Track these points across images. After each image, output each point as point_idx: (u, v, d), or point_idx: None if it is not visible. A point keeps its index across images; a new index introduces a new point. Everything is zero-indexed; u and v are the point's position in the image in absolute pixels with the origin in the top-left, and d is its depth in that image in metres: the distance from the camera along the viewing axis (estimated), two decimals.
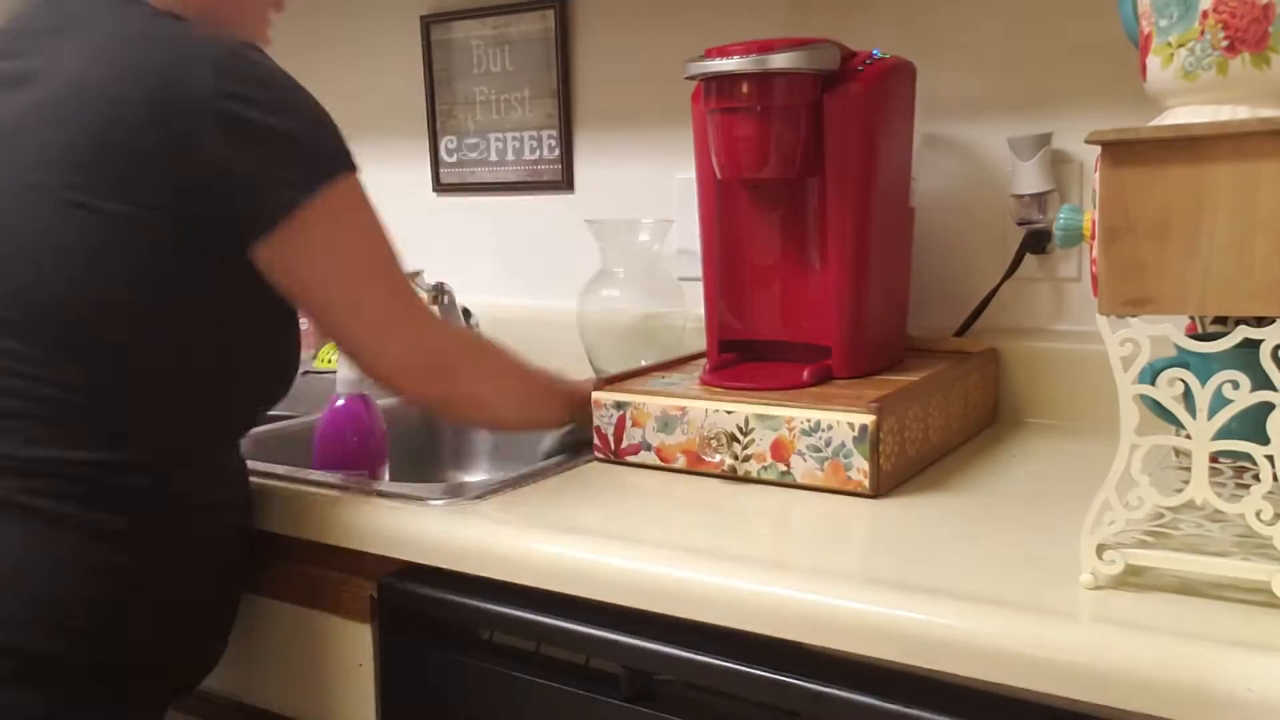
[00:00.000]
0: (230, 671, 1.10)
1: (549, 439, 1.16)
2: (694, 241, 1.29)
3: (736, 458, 1.02)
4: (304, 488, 1.04)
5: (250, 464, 1.12)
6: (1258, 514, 0.68)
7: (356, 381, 1.17)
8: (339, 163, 0.92)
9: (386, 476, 1.20)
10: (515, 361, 1.09)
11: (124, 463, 0.88)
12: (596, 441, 1.09)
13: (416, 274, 1.50)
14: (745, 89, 1.06)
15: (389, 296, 0.98)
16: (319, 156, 0.91)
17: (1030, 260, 1.27)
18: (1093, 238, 0.71)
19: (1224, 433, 0.69)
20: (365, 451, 1.18)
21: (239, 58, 0.89)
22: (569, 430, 1.13)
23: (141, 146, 0.85)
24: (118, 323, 0.87)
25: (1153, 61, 0.73)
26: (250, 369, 0.97)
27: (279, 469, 1.10)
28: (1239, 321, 0.68)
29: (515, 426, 1.19)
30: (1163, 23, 0.72)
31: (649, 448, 1.06)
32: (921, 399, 1.05)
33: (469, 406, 1.07)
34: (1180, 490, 0.71)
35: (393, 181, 1.78)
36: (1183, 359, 0.77)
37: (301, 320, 0.99)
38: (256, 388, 0.99)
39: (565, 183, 1.60)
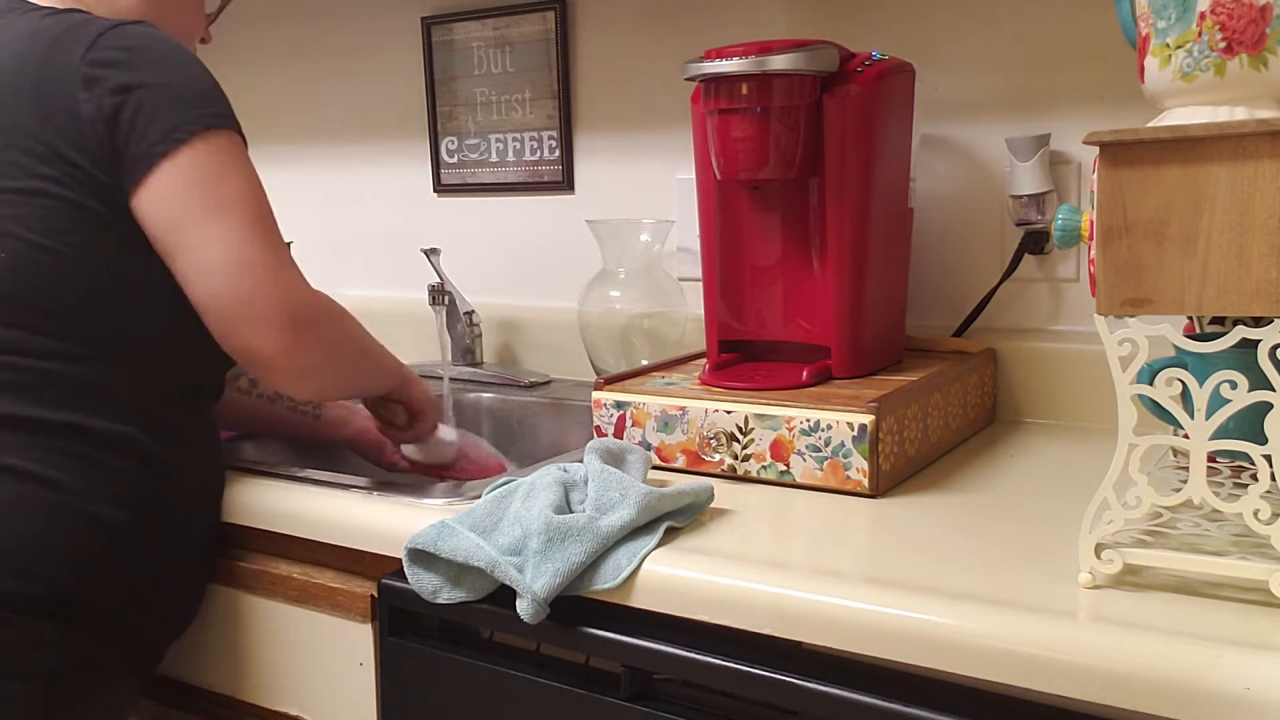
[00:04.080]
0: (230, 671, 1.10)
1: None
2: (694, 241, 1.29)
3: (736, 457, 1.02)
4: (304, 487, 1.04)
5: (251, 464, 1.12)
6: (1255, 513, 0.68)
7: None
8: (206, 120, 0.96)
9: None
10: (363, 334, 1.10)
11: (94, 421, 0.95)
12: None
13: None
14: (745, 90, 1.06)
15: (242, 235, 0.96)
16: (183, 113, 0.95)
17: (1029, 260, 1.27)
18: (1091, 238, 0.71)
19: (1222, 432, 0.69)
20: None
21: (121, 32, 0.96)
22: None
23: (32, 125, 0.94)
24: (63, 290, 0.95)
25: (1151, 63, 0.73)
26: (195, 323, 0.99)
27: (279, 468, 1.11)
28: (1237, 321, 0.69)
29: (344, 396, 1.17)
30: (1160, 24, 0.72)
31: (649, 447, 1.07)
32: (920, 399, 1.05)
33: (310, 370, 1.01)
34: (1178, 490, 0.71)
35: (393, 182, 1.78)
36: (1181, 359, 0.77)
37: None
38: (210, 340, 1.01)
39: (565, 183, 1.60)
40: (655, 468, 1.05)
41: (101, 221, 0.95)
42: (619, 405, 1.09)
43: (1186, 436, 0.71)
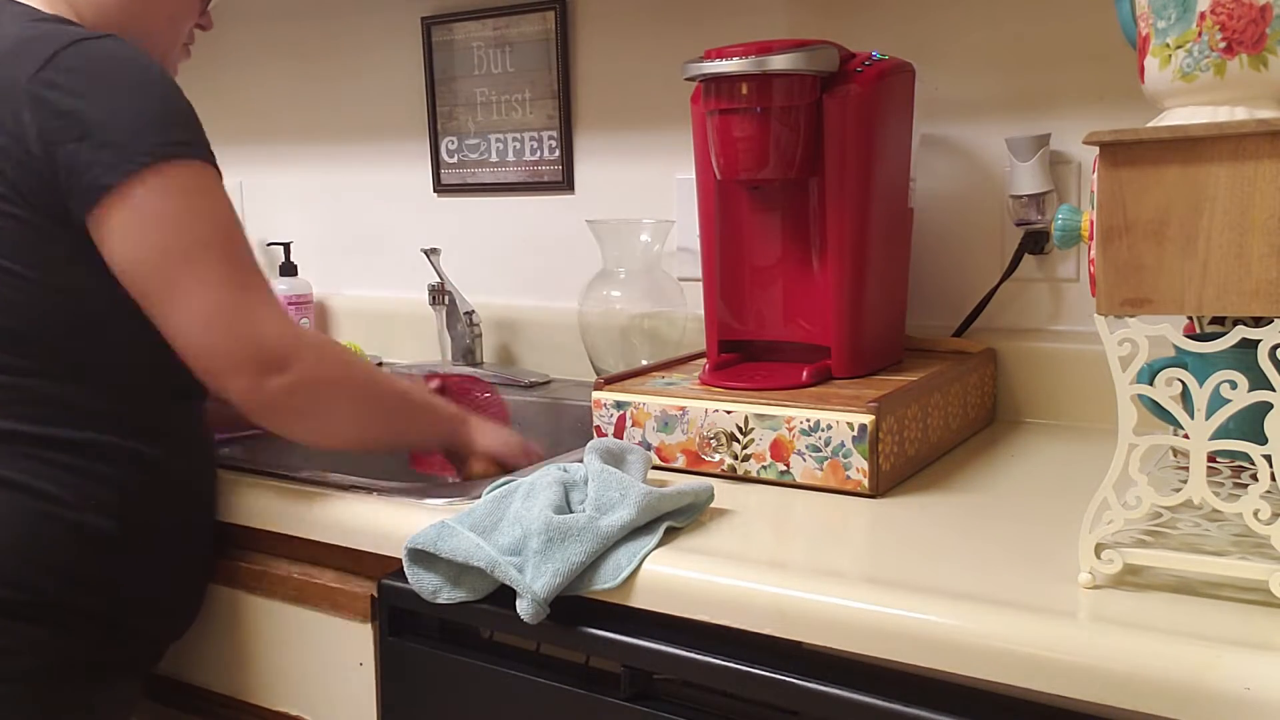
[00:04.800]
0: (230, 671, 1.10)
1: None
2: (694, 241, 1.29)
3: (736, 457, 1.02)
4: (304, 487, 1.04)
5: (250, 464, 1.12)
6: (1255, 513, 0.68)
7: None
8: (161, 150, 0.91)
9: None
10: (373, 372, 1.03)
11: (76, 433, 0.94)
12: None
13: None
14: (745, 90, 1.06)
15: (211, 283, 0.91)
16: (134, 143, 0.90)
17: (1028, 260, 1.27)
18: (1091, 238, 0.71)
19: (1222, 432, 0.69)
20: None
21: (79, 50, 0.91)
22: None
23: None
24: (26, 311, 0.92)
25: (1151, 63, 0.73)
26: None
27: (279, 468, 1.10)
28: (1237, 321, 0.69)
29: (362, 443, 1.06)
30: (1161, 24, 0.72)
31: (649, 447, 1.07)
32: (920, 399, 1.05)
33: (302, 412, 0.96)
34: (1178, 490, 0.71)
35: (393, 182, 1.78)
36: (1181, 359, 0.77)
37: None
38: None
39: (565, 183, 1.60)
40: (655, 468, 1.05)
41: (56, 240, 0.92)
42: (619, 405, 1.09)
43: (1186, 436, 0.71)
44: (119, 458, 0.95)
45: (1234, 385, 0.68)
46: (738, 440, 1.02)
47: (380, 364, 1.70)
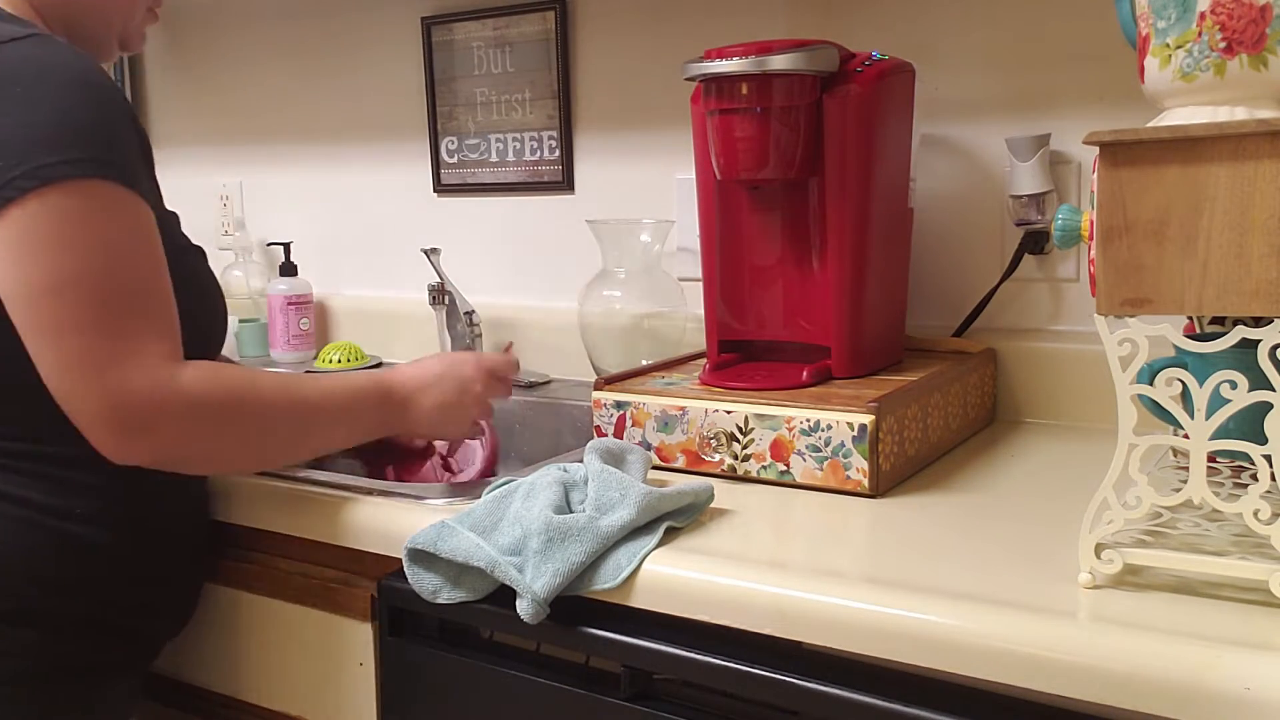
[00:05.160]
0: (230, 671, 1.10)
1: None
2: (694, 241, 1.29)
3: (736, 457, 1.02)
4: (304, 487, 1.04)
5: None
6: (1255, 513, 0.68)
7: None
8: (47, 172, 0.82)
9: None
10: (265, 396, 0.92)
11: (53, 448, 0.91)
12: None
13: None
14: (745, 90, 1.06)
15: (73, 327, 0.82)
16: (23, 162, 0.82)
17: (1028, 260, 1.27)
18: (1091, 238, 0.71)
19: (1222, 432, 0.69)
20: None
21: None
22: None
23: None
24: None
25: (1151, 63, 0.73)
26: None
27: (280, 469, 1.10)
28: (1237, 321, 0.69)
29: (271, 464, 1.00)
30: (1161, 24, 0.72)
31: (649, 447, 1.07)
32: (920, 399, 1.05)
33: (178, 463, 0.89)
34: (1178, 490, 0.71)
35: (393, 182, 1.78)
36: (1181, 359, 0.77)
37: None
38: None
39: (565, 183, 1.60)
40: (655, 468, 1.05)
41: None
42: (619, 405, 1.09)
43: (1186, 436, 0.71)
44: (100, 467, 0.91)
45: (1234, 385, 0.68)
46: (738, 440, 1.02)
47: (379, 364, 1.70)
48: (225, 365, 0.93)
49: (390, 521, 0.95)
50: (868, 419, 0.96)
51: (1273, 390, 0.67)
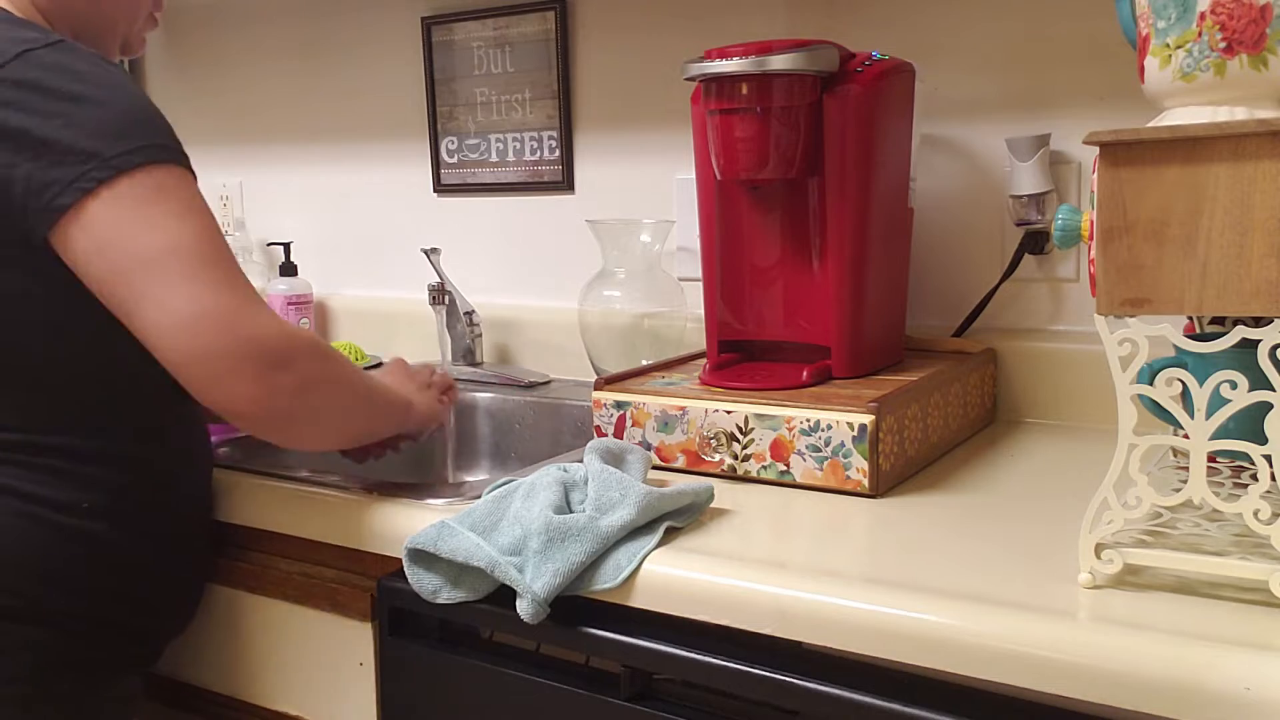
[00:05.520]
0: (230, 671, 1.10)
1: None
2: (694, 241, 1.29)
3: (736, 457, 1.02)
4: (304, 487, 1.04)
5: (250, 464, 1.12)
6: (1255, 513, 0.68)
7: None
8: (119, 161, 0.86)
9: None
10: (353, 368, 0.98)
11: (62, 439, 0.92)
12: None
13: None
14: (745, 90, 1.06)
15: (190, 286, 0.86)
16: (92, 157, 0.85)
17: (1028, 260, 1.27)
18: (1091, 238, 0.71)
19: (1222, 432, 0.69)
20: None
21: (26, 61, 0.87)
22: None
23: None
24: (3, 321, 0.89)
25: (1151, 63, 0.73)
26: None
27: (278, 468, 1.11)
28: (1237, 321, 0.69)
29: (350, 442, 1.04)
30: (1161, 24, 0.72)
31: (649, 447, 1.07)
32: (920, 399, 1.05)
33: (309, 413, 0.92)
34: (1178, 490, 0.71)
35: (393, 182, 1.78)
36: (1181, 359, 0.77)
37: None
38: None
39: (565, 183, 1.60)
40: (655, 468, 1.05)
41: (20, 253, 0.88)
42: (619, 405, 1.09)
43: (1186, 436, 0.71)
44: (108, 460, 0.94)
45: (1234, 385, 0.68)
46: (738, 440, 1.02)
47: (379, 364, 1.70)
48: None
49: (390, 521, 0.95)
50: (868, 419, 0.96)
51: (1273, 390, 0.67)
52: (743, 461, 1.02)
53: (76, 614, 0.93)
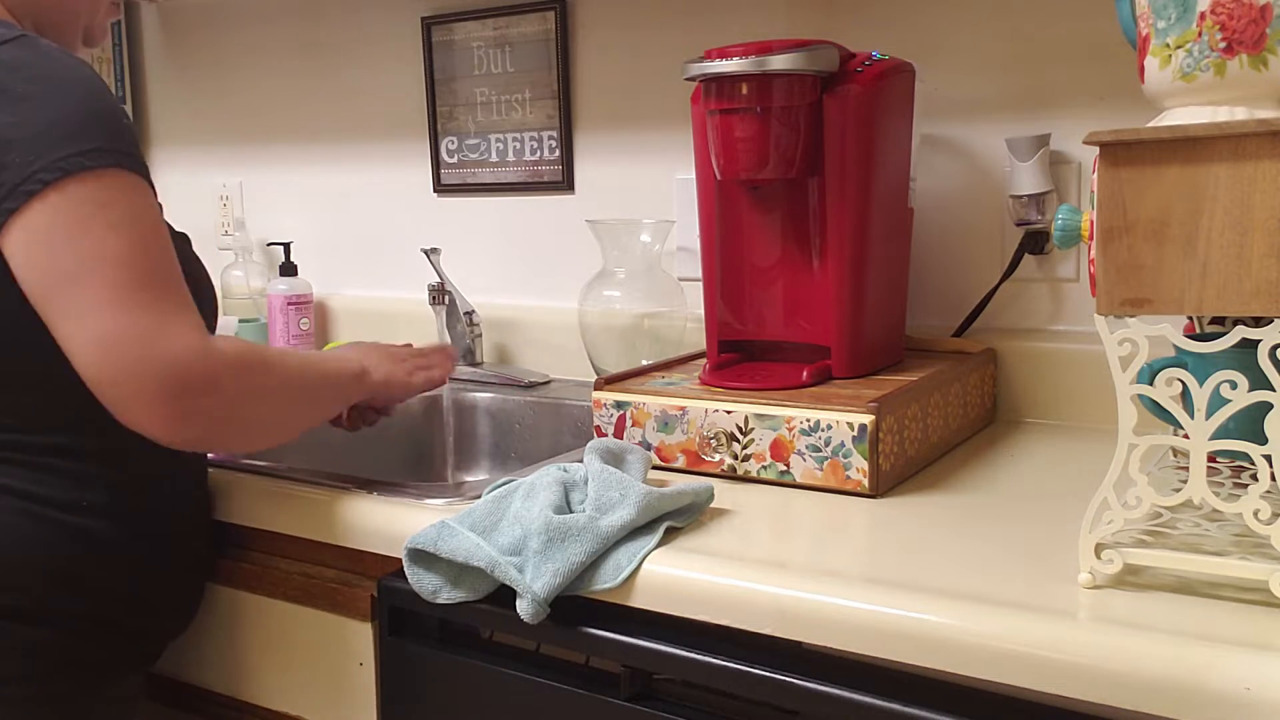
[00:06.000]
0: (230, 671, 1.10)
1: None
2: (694, 241, 1.29)
3: (736, 457, 1.02)
4: (304, 487, 1.04)
5: (250, 463, 1.12)
6: (1255, 513, 0.68)
7: None
8: (64, 165, 0.83)
9: None
10: (289, 363, 0.97)
11: (62, 437, 0.92)
12: None
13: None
14: (745, 90, 1.06)
15: (107, 305, 0.83)
16: (39, 158, 0.83)
17: (1028, 260, 1.27)
18: (1091, 238, 0.71)
19: (1222, 432, 0.69)
20: None
21: None
22: None
23: None
24: None
25: (1151, 63, 0.73)
26: None
27: (278, 468, 1.11)
28: (1237, 321, 0.69)
29: (295, 434, 1.00)
30: (1161, 24, 0.72)
31: (649, 447, 1.07)
32: (920, 399, 1.05)
33: (233, 428, 0.90)
34: (1178, 490, 0.71)
35: (393, 182, 1.78)
36: (1181, 359, 0.77)
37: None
38: None
39: (565, 183, 1.60)
40: (655, 468, 1.05)
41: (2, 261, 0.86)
42: (619, 405, 1.09)
43: (1186, 436, 0.71)
44: (106, 458, 0.94)
45: (1234, 385, 0.68)
46: (738, 440, 1.02)
47: None
48: (237, 338, 0.95)
49: (390, 521, 0.95)
50: (868, 419, 0.96)
51: (1273, 390, 0.67)
52: (743, 461, 1.02)
53: (77, 613, 0.93)
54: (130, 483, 0.96)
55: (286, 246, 1.79)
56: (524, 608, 0.81)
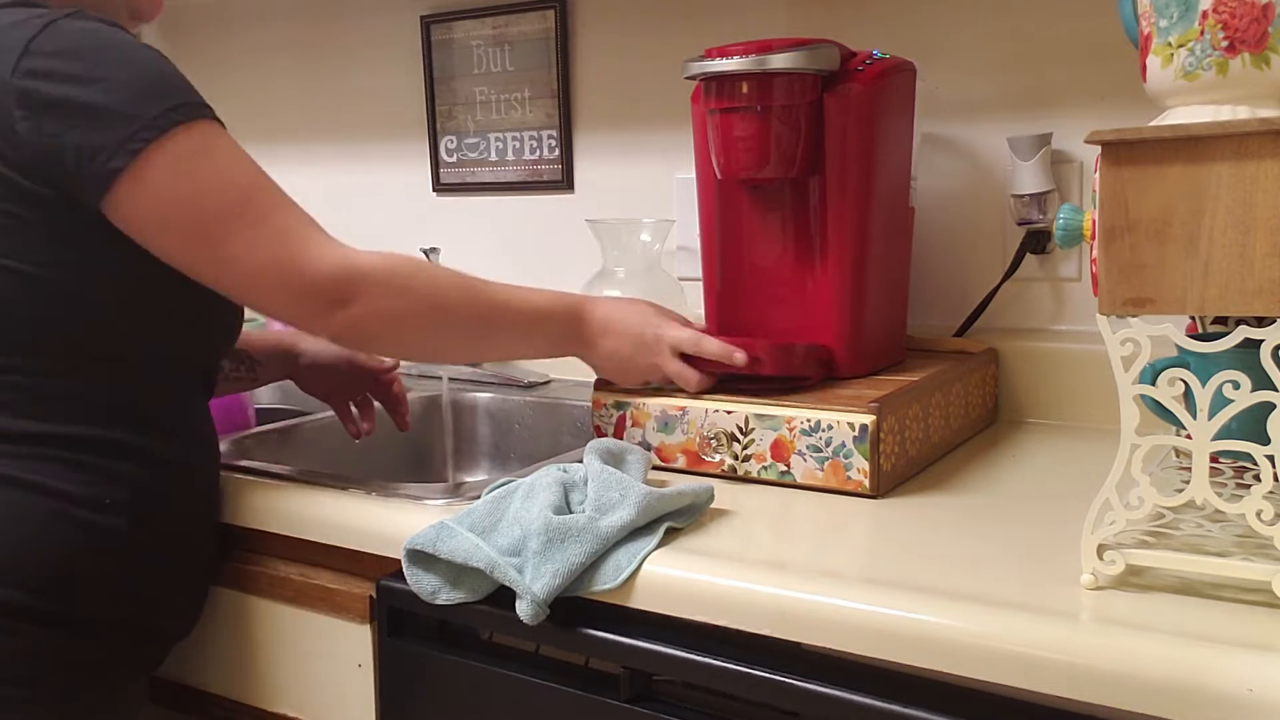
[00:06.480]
0: (230, 671, 1.10)
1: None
2: (694, 241, 1.29)
3: (736, 458, 1.02)
4: (303, 487, 1.04)
5: (250, 463, 1.12)
6: (1258, 514, 0.68)
7: None
8: (162, 121, 0.88)
9: None
10: (448, 291, 0.99)
11: (87, 430, 0.93)
12: None
13: None
14: (745, 89, 1.06)
15: (250, 242, 0.90)
16: (135, 118, 0.87)
17: (1030, 260, 1.27)
18: (1093, 238, 0.71)
19: (1224, 433, 0.69)
20: None
21: (53, 33, 0.88)
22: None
23: None
24: (30, 309, 0.90)
25: (1153, 62, 0.73)
26: (181, 317, 0.98)
27: (278, 468, 1.10)
28: (1239, 321, 0.68)
29: (456, 358, 1.05)
30: (1163, 23, 0.72)
31: (649, 447, 1.06)
32: (921, 399, 1.05)
33: (378, 339, 0.97)
34: (1181, 490, 0.71)
35: (393, 181, 1.78)
36: (1183, 359, 0.77)
37: None
38: (195, 337, 1.00)
39: (565, 183, 1.60)
40: (655, 468, 1.05)
41: (57, 235, 0.90)
42: (619, 405, 1.09)
43: (1189, 437, 0.70)
44: (133, 455, 0.94)
45: (1237, 385, 0.68)
46: (738, 440, 1.02)
47: None
48: (391, 253, 1.00)
49: (389, 522, 0.95)
50: (869, 419, 0.95)
51: (1275, 390, 0.67)
52: (743, 462, 1.02)
53: (95, 614, 0.93)
54: (153, 481, 0.96)
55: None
56: (523, 609, 0.81)
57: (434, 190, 1.73)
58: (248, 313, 1.09)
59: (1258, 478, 0.69)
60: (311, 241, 0.92)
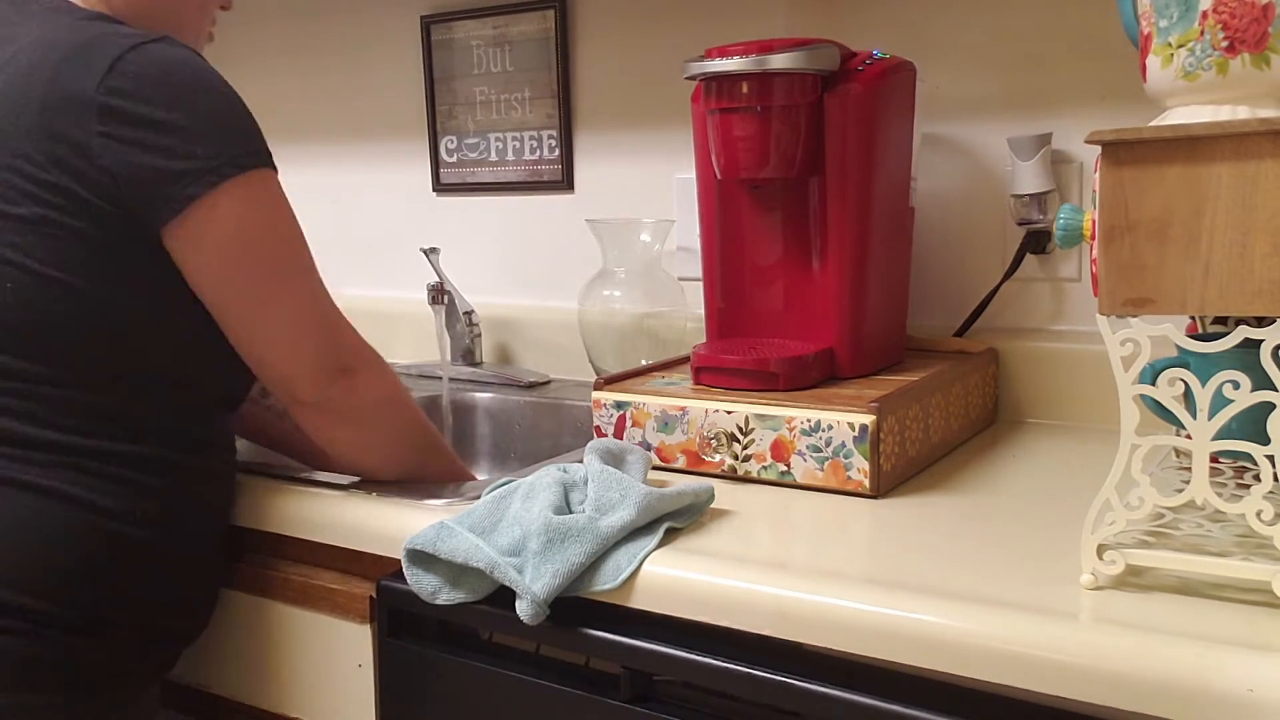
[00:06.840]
0: (231, 672, 1.10)
1: None
2: (694, 241, 1.29)
3: (736, 458, 1.02)
4: (304, 488, 1.04)
5: (250, 463, 1.12)
6: (1258, 514, 0.68)
7: None
8: (241, 161, 0.91)
9: None
10: (415, 406, 1.07)
11: (119, 445, 0.92)
12: None
13: None
14: (745, 89, 1.06)
15: (298, 294, 0.96)
16: (213, 154, 0.89)
17: (1030, 260, 1.27)
18: (1093, 238, 0.71)
19: (1224, 433, 0.69)
20: None
21: (142, 55, 0.89)
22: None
23: (36, 149, 0.87)
24: (74, 323, 0.90)
25: (1153, 62, 0.73)
26: (221, 348, 0.97)
27: (278, 468, 1.10)
28: (1239, 321, 0.68)
29: (389, 468, 1.05)
30: (1163, 23, 0.72)
31: (649, 447, 1.06)
32: (921, 399, 1.05)
33: (353, 420, 1.01)
34: (1181, 490, 0.71)
35: (393, 181, 1.78)
36: (1183, 359, 0.77)
37: None
38: (233, 367, 1.00)
39: (565, 183, 1.60)
40: (655, 468, 1.05)
41: (111, 252, 0.90)
42: (619, 405, 1.09)
43: (1189, 437, 0.70)
44: (167, 470, 0.94)
45: (1237, 385, 0.68)
46: (738, 440, 1.02)
47: None
48: None
49: (389, 522, 0.95)
50: (869, 419, 0.95)
51: (1275, 390, 0.67)
52: (743, 462, 1.02)
53: (119, 621, 0.92)
54: (177, 492, 0.95)
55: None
56: (523, 609, 0.81)
57: (434, 190, 1.73)
58: None
59: (1258, 478, 0.69)
60: (338, 312, 0.99)
